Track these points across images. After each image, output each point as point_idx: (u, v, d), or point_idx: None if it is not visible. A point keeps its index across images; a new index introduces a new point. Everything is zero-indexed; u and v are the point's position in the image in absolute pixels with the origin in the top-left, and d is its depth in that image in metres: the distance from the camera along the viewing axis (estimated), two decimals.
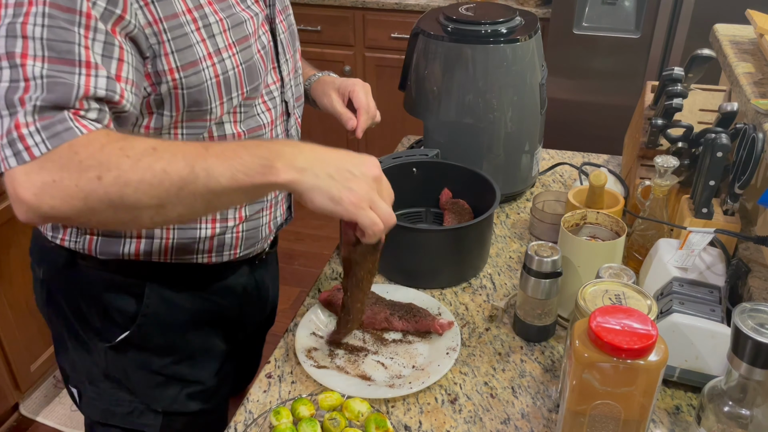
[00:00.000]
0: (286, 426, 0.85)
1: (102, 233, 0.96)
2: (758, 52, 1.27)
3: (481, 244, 1.18)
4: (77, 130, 0.71)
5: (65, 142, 0.70)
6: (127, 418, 1.07)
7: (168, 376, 1.07)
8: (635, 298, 0.81)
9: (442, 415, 0.91)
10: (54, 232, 0.99)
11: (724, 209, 1.06)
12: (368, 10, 2.98)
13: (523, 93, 1.31)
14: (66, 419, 2.13)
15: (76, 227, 0.97)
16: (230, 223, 1.01)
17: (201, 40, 0.85)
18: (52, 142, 0.70)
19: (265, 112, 1.00)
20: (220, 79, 0.88)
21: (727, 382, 0.71)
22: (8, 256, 1.92)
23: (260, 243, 1.09)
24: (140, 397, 1.06)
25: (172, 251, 0.99)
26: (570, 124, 2.66)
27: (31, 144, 0.70)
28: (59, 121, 0.71)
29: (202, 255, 1.01)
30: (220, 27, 0.87)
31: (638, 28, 2.48)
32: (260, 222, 1.06)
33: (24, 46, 0.71)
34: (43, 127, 0.70)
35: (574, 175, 1.53)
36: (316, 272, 2.80)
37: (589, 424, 0.74)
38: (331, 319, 1.07)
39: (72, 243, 0.98)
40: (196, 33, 0.84)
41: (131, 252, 0.97)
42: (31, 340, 2.06)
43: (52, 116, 0.71)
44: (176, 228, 0.97)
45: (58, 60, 0.72)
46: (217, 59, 0.87)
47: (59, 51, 0.72)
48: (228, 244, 1.03)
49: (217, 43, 0.87)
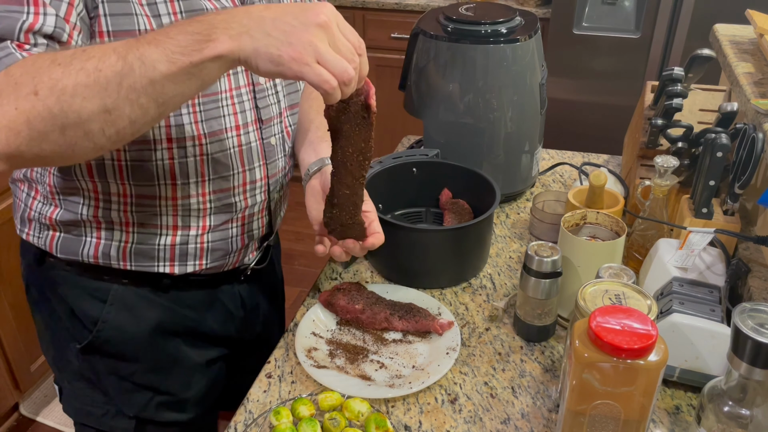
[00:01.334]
0: (286, 426, 0.85)
1: (63, 231, 0.94)
2: (758, 52, 1.27)
3: (481, 244, 1.18)
4: (18, 56, 0.68)
5: (6, 66, 0.67)
6: (101, 419, 1.06)
7: (136, 384, 1.04)
8: (635, 298, 0.81)
9: (442, 415, 0.91)
10: (22, 225, 0.99)
11: (724, 209, 1.06)
12: (368, 10, 2.98)
13: (523, 93, 1.31)
14: (66, 419, 2.12)
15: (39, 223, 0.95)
16: (192, 231, 0.97)
17: (144, 14, 0.80)
18: None
19: (230, 114, 0.92)
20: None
21: (727, 382, 0.71)
22: (8, 256, 1.92)
23: (232, 256, 1.04)
24: (113, 400, 1.05)
25: (131, 256, 0.96)
26: (570, 124, 2.66)
27: None
28: (0, 49, 0.68)
29: (163, 263, 0.98)
30: (168, 8, 0.81)
31: (638, 28, 2.48)
32: (229, 233, 1.00)
33: None
34: None
35: (574, 175, 1.54)
36: (316, 272, 2.80)
37: (589, 424, 0.74)
38: (331, 319, 1.07)
39: (36, 239, 0.97)
40: (137, 5, 0.79)
41: (90, 254, 0.95)
42: (31, 340, 2.06)
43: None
44: (135, 233, 0.94)
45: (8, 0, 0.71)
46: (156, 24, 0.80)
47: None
48: (191, 253, 0.99)
49: (163, 24, 0.80)
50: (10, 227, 1.90)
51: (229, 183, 0.96)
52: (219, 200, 0.96)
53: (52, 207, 0.94)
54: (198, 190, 0.94)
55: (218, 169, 0.94)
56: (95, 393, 1.05)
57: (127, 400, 1.05)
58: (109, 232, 0.95)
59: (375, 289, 1.12)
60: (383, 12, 2.96)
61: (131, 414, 1.06)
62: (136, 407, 1.06)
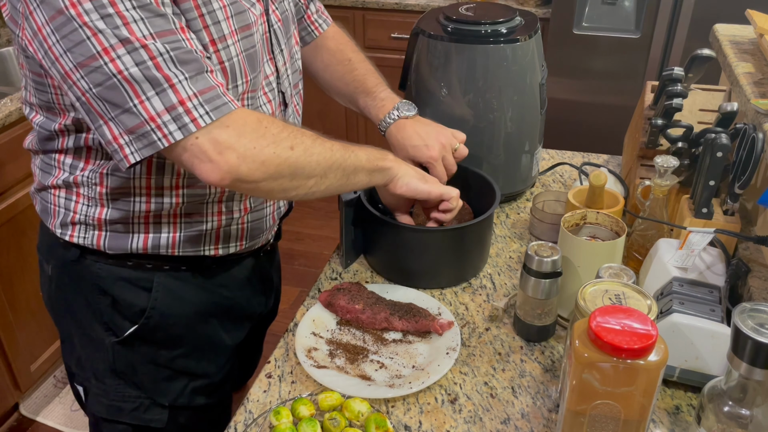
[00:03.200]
0: (286, 426, 0.85)
1: (110, 229, 0.98)
2: (758, 52, 1.27)
3: (481, 244, 1.18)
4: (230, 105, 0.82)
5: (225, 114, 0.81)
6: (134, 413, 1.08)
7: (175, 370, 1.08)
8: (635, 298, 0.81)
9: (442, 415, 0.91)
10: (63, 229, 1.00)
11: (724, 209, 1.06)
12: (368, 10, 2.98)
13: (523, 93, 1.31)
14: (66, 419, 2.13)
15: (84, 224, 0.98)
16: (236, 214, 1.03)
17: (204, 26, 0.86)
18: (215, 114, 0.80)
19: (266, 103, 1.01)
20: (225, 65, 0.89)
21: (727, 382, 0.71)
22: (8, 256, 1.92)
23: (264, 234, 1.12)
24: (147, 392, 1.07)
25: (180, 244, 1.00)
26: (570, 124, 2.66)
27: (196, 116, 0.79)
28: (216, 96, 0.80)
29: (209, 247, 1.03)
30: (223, 14, 0.88)
31: (638, 28, 2.48)
32: (264, 213, 1.08)
33: (131, 30, 0.75)
34: (205, 101, 0.79)
35: (574, 175, 1.54)
36: (316, 272, 2.80)
37: (589, 424, 0.74)
38: (331, 319, 1.07)
39: (81, 239, 0.99)
40: (200, 19, 0.85)
41: (139, 246, 0.98)
42: (31, 340, 2.07)
43: (208, 89, 0.80)
44: (183, 222, 0.99)
45: (165, 32, 0.77)
46: (221, 46, 0.88)
47: (160, 25, 0.77)
48: (234, 235, 1.05)
49: (222, 29, 0.88)
50: (11, 227, 1.91)
51: None
52: None
53: (99, 207, 0.96)
54: None
55: None
56: (127, 387, 1.07)
57: (163, 389, 1.08)
58: (158, 225, 0.98)
59: (375, 289, 1.12)
60: (383, 12, 2.96)
61: (166, 403, 1.08)
62: (173, 395, 1.09)
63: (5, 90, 2.13)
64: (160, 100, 0.77)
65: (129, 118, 0.77)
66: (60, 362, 2.26)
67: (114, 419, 1.09)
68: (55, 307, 1.09)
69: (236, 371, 1.21)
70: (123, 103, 0.77)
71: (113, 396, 1.07)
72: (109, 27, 0.74)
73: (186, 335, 1.07)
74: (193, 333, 1.08)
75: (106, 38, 0.75)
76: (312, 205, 3.24)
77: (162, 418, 1.09)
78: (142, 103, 0.77)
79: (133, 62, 0.75)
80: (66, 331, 1.10)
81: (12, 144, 1.85)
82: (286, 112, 1.09)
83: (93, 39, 0.75)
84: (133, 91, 0.76)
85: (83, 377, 1.10)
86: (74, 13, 0.74)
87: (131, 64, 0.75)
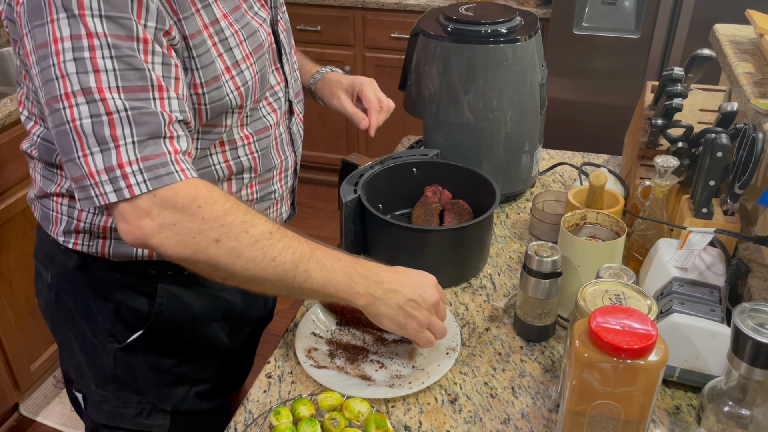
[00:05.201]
0: (286, 426, 0.85)
1: (115, 237, 0.97)
2: (758, 52, 1.27)
3: (481, 244, 1.18)
4: (177, 176, 0.77)
5: (165, 185, 0.76)
6: (136, 419, 1.07)
7: (177, 375, 1.08)
8: (635, 298, 0.81)
9: (442, 415, 0.91)
10: (66, 236, 0.99)
11: (724, 209, 1.06)
12: (368, 10, 2.98)
13: (523, 93, 1.31)
14: (66, 419, 2.13)
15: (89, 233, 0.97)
16: None
17: (218, 54, 0.86)
18: (152, 184, 0.76)
19: (270, 113, 1.01)
20: (241, 91, 0.89)
21: (727, 382, 0.71)
22: (8, 256, 1.92)
23: None
24: (149, 398, 1.07)
25: None
26: (570, 124, 2.66)
27: (132, 183, 0.75)
28: (162, 164, 0.77)
29: None
30: (236, 39, 0.88)
31: (638, 28, 2.48)
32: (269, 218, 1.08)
33: (98, 80, 0.73)
34: (146, 168, 0.76)
35: (574, 175, 1.54)
36: None
37: (589, 424, 0.74)
38: (332, 319, 1.07)
39: (84, 247, 0.98)
40: (213, 48, 0.85)
41: (144, 253, 0.98)
42: (31, 340, 2.06)
43: (155, 156, 0.76)
44: None
45: (134, 88, 0.75)
46: (236, 72, 0.88)
47: (132, 79, 0.75)
48: None
49: (235, 56, 0.88)
50: (11, 227, 1.91)
51: (271, 173, 1.05)
52: (263, 189, 1.05)
53: (104, 216, 0.95)
54: (248, 183, 1.01)
55: (265, 162, 1.03)
56: (129, 393, 1.06)
57: (166, 395, 1.08)
58: None
59: None
60: (383, 12, 2.96)
61: (168, 408, 1.08)
62: (175, 400, 1.08)
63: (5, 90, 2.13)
64: (102, 158, 0.75)
65: (74, 168, 0.77)
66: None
67: (115, 426, 1.08)
68: (53, 314, 1.08)
69: (234, 374, 1.21)
70: (70, 152, 0.76)
71: (114, 402, 1.07)
72: (77, 71, 0.73)
73: (189, 340, 1.07)
74: (195, 338, 1.08)
75: (71, 83, 0.73)
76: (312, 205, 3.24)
77: (164, 423, 1.08)
78: (86, 157, 0.75)
79: (88, 113, 0.74)
80: (65, 338, 1.09)
81: (12, 144, 1.85)
82: (291, 119, 1.09)
83: (60, 81, 0.74)
84: (80, 142, 0.75)
85: (83, 384, 1.09)
86: (53, 50, 0.73)
87: (86, 115, 0.74)
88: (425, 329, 0.93)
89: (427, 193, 1.26)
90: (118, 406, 1.07)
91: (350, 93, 1.20)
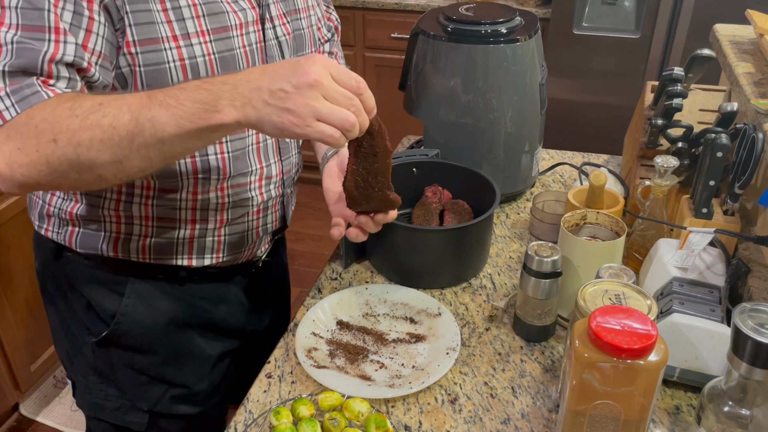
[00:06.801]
0: (286, 426, 0.85)
1: (82, 225, 0.96)
2: (758, 52, 1.27)
3: (481, 244, 1.18)
4: (44, 94, 0.73)
5: (32, 105, 0.72)
6: (115, 413, 1.07)
7: (151, 377, 1.07)
8: (635, 298, 0.81)
9: (442, 415, 0.91)
10: (40, 221, 1.00)
11: (724, 209, 1.06)
12: (368, 10, 2.98)
13: (523, 93, 1.31)
14: (66, 419, 2.13)
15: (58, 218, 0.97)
16: (210, 225, 1.00)
17: (167, 21, 0.84)
18: (20, 106, 0.72)
19: None
20: (186, 63, 0.86)
21: (727, 382, 0.71)
22: (8, 256, 1.92)
23: (247, 249, 1.07)
24: (126, 395, 1.06)
25: (151, 250, 0.99)
26: (570, 124, 2.66)
27: (2, 108, 0.72)
28: (27, 86, 0.73)
29: (181, 257, 1.01)
30: (191, 11, 0.86)
31: (638, 28, 2.48)
32: (245, 227, 1.04)
33: (2, 15, 0.74)
34: (12, 92, 0.72)
35: (574, 175, 1.54)
36: (316, 272, 2.80)
37: (589, 424, 0.74)
38: (332, 319, 1.07)
39: (55, 234, 0.99)
40: (162, 13, 0.83)
41: (110, 248, 0.97)
42: (31, 340, 2.06)
43: (21, 81, 0.73)
44: (155, 227, 0.97)
45: (30, 27, 0.74)
46: (184, 43, 0.86)
47: (30, 18, 0.74)
48: (209, 247, 1.02)
49: (187, 27, 0.85)
50: (11, 227, 1.91)
51: (247, 179, 1.00)
52: (237, 195, 1.00)
53: (72, 202, 0.96)
54: (218, 185, 0.97)
55: (238, 166, 0.97)
56: (109, 387, 1.06)
57: (141, 394, 1.07)
58: (129, 226, 0.97)
59: (375, 289, 1.12)
60: (383, 12, 2.96)
61: (145, 408, 1.07)
62: (151, 401, 1.08)
63: None
64: None
65: None
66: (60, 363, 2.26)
67: (96, 417, 1.09)
68: (44, 301, 1.10)
69: (227, 384, 1.17)
70: None
71: (96, 393, 1.07)
72: None
73: (160, 344, 1.05)
74: (168, 342, 1.06)
75: None
76: (312, 205, 3.24)
77: (142, 421, 1.08)
78: None
79: None
80: (54, 324, 1.10)
81: None
82: None
83: None
84: None
85: (72, 371, 1.10)
86: None
87: None
88: (314, 120, 0.70)
89: (427, 193, 1.26)
90: (99, 397, 1.07)
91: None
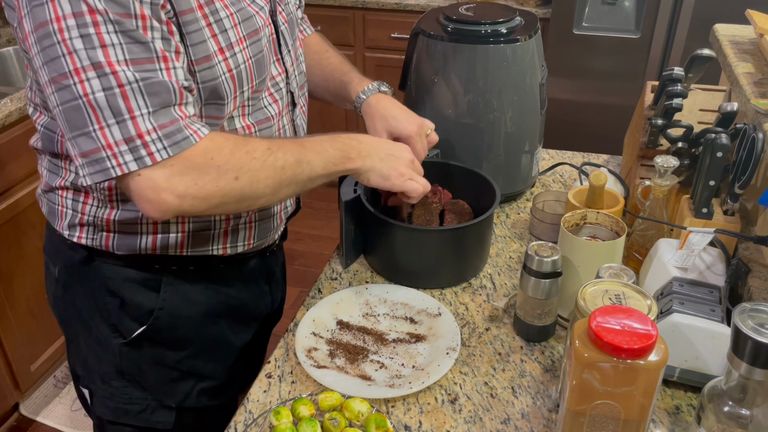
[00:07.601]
0: (286, 426, 0.85)
1: (119, 230, 0.98)
2: (758, 52, 1.27)
3: (481, 244, 1.18)
4: (192, 139, 0.81)
5: (184, 150, 0.80)
6: (140, 415, 1.08)
7: (182, 371, 1.09)
8: (635, 298, 0.81)
9: (442, 415, 0.91)
10: (71, 230, 1.00)
11: (724, 209, 1.06)
12: (368, 10, 2.98)
13: (523, 93, 1.31)
14: (66, 419, 2.13)
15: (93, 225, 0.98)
16: (243, 213, 1.03)
17: (212, 35, 0.87)
18: (173, 150, 0.79)
19: (272, 104, 1.01)
20: (234, 73, 0.90)
21: (727, 382, 0.71)
22: (8, 256, 1.92)
23: (272, 233, 1.12)
24: (153, 394, 1.07)
25: (188, 243, 1.01)
26: (570, 124, 2.66)
27: (153, 150, 0.78)
28: (177, 130, 0.80)
29: (217, 247, 1.03)
30: (231, 22, 0.89)
31: (638, 28, 2.48)
32: (272, 212, 1.09)
33: (106, 54, 0.75)
34: (164, 135, 0.79)
35: (574, 175, 1.54)
36: (316, 272, 2.80)
37: (589, 424, 0.74)
38: (332, 319, 1.07)
39: (89, 240, 0.99)
40: (207, 28, 0.86)
41: (148, 246, 0.99)
42: (31, 340, 2.07)
43: (170, 123, 0.79)
44: (191, 221, 0.99)
45: (141, 60, 0.77)
46: (229, 54, 0.89)
47: (137, 52, 0.77)
48: (242, 234, 1.05)
49: (229, 37, 0.89)
50: (11, 227, 1.91)
51: None
52: None
53: (108, 209, 0.96)
54: None
55: None
56: (134, 389, 1.07)
57: (170, 391, 1.08)
58: (166, 225, 0.98)
59: (375, 289, 1.12)
60: (383, 12, 2.96)
61: (173, 404, 1.09)
62: (180, 396, 1.09)
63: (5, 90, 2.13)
64: (120, 130, 0.77)
65: (87, 142, 0.77)
66: (60, 362, 2.26)
67: (120, 422, 1.09)
68: (61, 309, 1.09)
69: (242, 373, 1.21)
70: (83, 126, 0.77)
71: (119, 398, 1.07)
72: (85, 47, 0.74)
73: (194, 336, 1.07)
74: (201, 334, 1.08)
75: (79, 58, 0.74)
76: (312, 206, 3.24)
77: (169, 419, 1.09)
78: (102, 130, 0.77)
79: (100, 87, 0.75)
80: (72, 333, 1.10)
81: (12, 144, 1.85)
82: (294, 112, 1.09)
83: (67, 57, 0.75)
84: (95, 116, 0.76)
85: (89, 379, 1.10)
86: (56, 27, 0.74)
87: (98, 89, 0.75)
88: (408, 179, 1.02)
89: (427, 194, 1.26)
90: (123, 402, 1.07)
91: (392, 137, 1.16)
